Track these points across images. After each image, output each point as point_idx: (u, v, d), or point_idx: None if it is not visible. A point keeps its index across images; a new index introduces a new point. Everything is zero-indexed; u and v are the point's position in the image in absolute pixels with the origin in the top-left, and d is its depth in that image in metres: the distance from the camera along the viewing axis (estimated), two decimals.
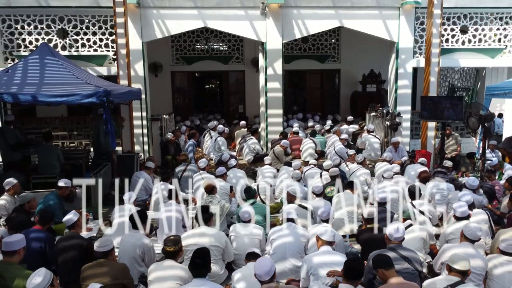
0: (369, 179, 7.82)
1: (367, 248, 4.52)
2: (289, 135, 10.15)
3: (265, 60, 9.77)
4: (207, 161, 7.96)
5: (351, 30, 10.10)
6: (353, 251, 5.16)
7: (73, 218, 4.71)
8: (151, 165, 7.63)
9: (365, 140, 9.88)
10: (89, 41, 9.53)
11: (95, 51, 9.57)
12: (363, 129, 10.78)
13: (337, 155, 8.86)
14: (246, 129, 10.82)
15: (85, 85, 6.70)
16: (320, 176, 7.62)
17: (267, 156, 8.73)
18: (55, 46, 9.30)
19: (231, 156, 8.56)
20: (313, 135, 9.88)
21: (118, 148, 8.84)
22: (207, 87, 16.93)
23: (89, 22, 9.46)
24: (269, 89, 9.88)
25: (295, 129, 10.26)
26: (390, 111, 10.06)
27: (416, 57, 10.26)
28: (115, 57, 9.38)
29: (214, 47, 13.63)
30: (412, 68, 10.19)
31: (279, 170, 8.14)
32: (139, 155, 8.79)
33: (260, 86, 10.39)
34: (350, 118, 11.94)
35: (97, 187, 5.95)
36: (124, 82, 9.16)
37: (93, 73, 8.99)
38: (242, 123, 11.10)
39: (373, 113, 10.88)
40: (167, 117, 10.43)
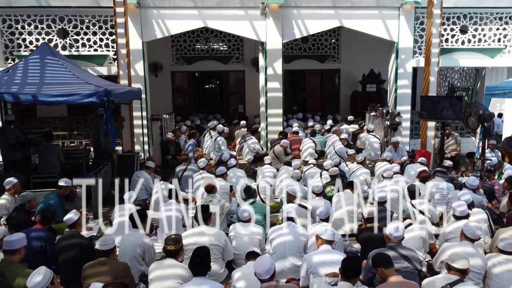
0: (369, 178, 7.83)
1: (367, 247, 4.53)
2: (289, 135, 10.17)
3: (265, 60, 9.78)
4: (207, 161, 7.97)
5: (351, 30, 10.11)
6: (352, 250, 5.18)
7: (74, 217, 4.73)
8: (151, 164, 7.65)
9: (365, 139, 9.89)
10: (89, 41, 9.54)
11: (95, 51, 9.58)
12: (362, 129, 10.80)
13: (337, 154, 8.88)
14: (246, 129, 10.84)
15: (85, 84, 6.71)
16: (320, 175, 7.64)
17: (267, 155, 8.75)
18: (56, 46, 9.32)
19: (231, 155, 8.57)
20: (313, 134, 9.89)
21: (118, 147, 8.85)
22: (207, 87, 16.94)
23: (89, 22, 9.48)
24: (269, 89, 9.89)
25: (295, 129, 10.27)
26: (390, 111, 10.07)
27: (416, 57, 10.27)
28: (115, 57, 9.39)
29: (214, 47, 13.64)
30: (412, 68, 10.20)
31: (279, 169, 8.15)
32: (139, 155, 8.80)
33: (260, 86, 10.40)
34: (350, 118, 11.95)
35: (97, 186, 5.97)
36: (124, 82, 9.18)
37: (93, 73, 9.01)
38: (242, 123, 11.12)
39: (373, 113, 10.90)
40: (167, 117, 10.44)
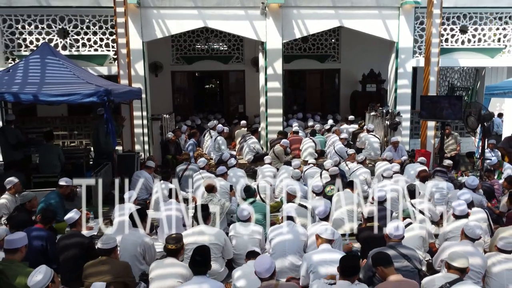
0: (369, 178, 7.83)
1: (367, 246, 4.54)
2: (289, 134, 10.18)
3: (265, 59, 9.79)
4: (206, 160, 7.98)
5: (351, 30, 10.13)
6: (353, 250, 5.18)
7: (75, 216, 4.74)
8: (152, 164, 7.65)
9: (365, 139, 9.90)
10: (89, 40, 9.55)
11: (95, 50, 9.59)
12: (362, 128, 10.81)
13: (337, 154, 8.89)
14: (246, 128, 10.84)
15: (86, 84, 6.72)
16: (320, 175, 7.65)
17: (267, 155, 8.76)
18: (56, 45, 9.32)
19: (231, 155, 8.58)
20: (313, 134, 9.90)
21: (118, 147, 8.86)
22: (207, 86, 16.94)
23: (90, 22, 9.48)
24: (269, 88, 9.90)
25: (295, 129, 10.27)
26: (389, 111, 10.08)
27: (415, 57, 10.28)
28: (115, 56, 9.40)
29: (214, 47, 13.65)
30: (411, 67, 10.21)
31: (279, 169, 8.16)
32: (139, 155, 8.81)
33: (260, 85, 10.41)
34: (351, 117, 11.95)
35: (97, 186, 5.98)
36: (124, 81, 9.19)
37: (94, 72, 9.02)
38: (242, 122, 11.13)
39: (373, 113, 10.90)
40: (168, 116, 10.45)
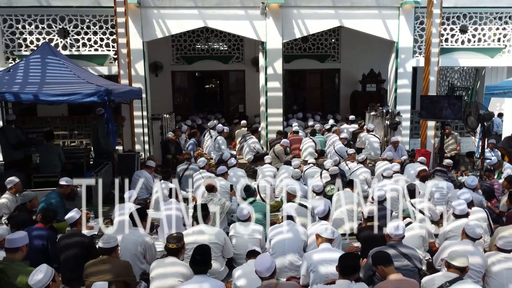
0: (369, 178, 7.84)
1: (367, 246, 4.54)
2: (289, 134, 10.19)
3: (265, 59, 9.80)
4: (206, 160, 7.99)
5: (351, 29, 10.13)
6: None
7: (75, 216, 4.75)
8: (152, 164, 7.66)
9: (365, 139, 9.91)
10: (90, 40, 9.56)
11: (96, 50, 9.60)
12: (362, 128, 10.82)
13: (337, 154, 8.90)
14: (246, 128, 10.85)
15: (86, 84, 6.74)
16: (320, 175, 7.65)
17: (267, 155, 8.76)
18: (56, 45, 9.33)
19: (231, 155, 8.58)
20: (313, 134, 9.91)
21: (119, 147, 8.87)
22: (207, 86, 16.95)
23: (90, 21, 9.49)
24: (269, 88, 9.91)
25: (295, 129, 10.28)
26: (389, 111, 10.08)
27: (415, 57, 10.29)
28: (115, 56, 9.41)
29: (214, 47, 13.66)
30: (411, 67, 10.22)
31: (279, 169, 8.17)
32: (139, 154, 8.82)
33: (260, 85, 10.42)
34: (352, 117, 11.96)
35: (98, 186, 5.98)
36: (125, 81, 9.20)
37: (94, 72, 9.03)
38: (242, 122, 11.14)
39: (373, 113, 10.91)
40: (168, 116, 10.46)
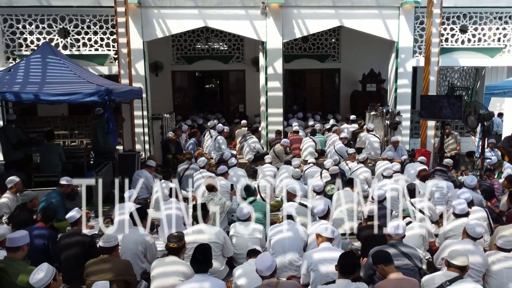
0: (370, 177, 7.84)
1: (367, 245, 4.55)
2: (289, 134, 10.19)
3: (266, 59, 9.81)
4: (206, 160, 7.99)
5: (351, 29, 10.15)
6: (353, 249, 5.19)
7: (76, 215, 4.75)
8: (152, 163, 7.67)
9: (365, 139, 9.92)
10: (90, 40, 9.56)
11: (96, 50, 9.61)
12: (362, 128, 10.82)
13: (337, 154, 8.91)
14: (246, 128, 10.86)
15: (87, 84, 6.74)
16: (320, 174, 7.66)
17: (267, 155, 8.77)
18: (57, 45, 9.34)
19: (231, 154, 8.59)
20: (313, 134, 9.92)
21: (119, 147, 8.88)
22: (208, 86, 16.96)
23: (90, 21, 9.50)
24: (269, 88, 9.92)
25: (295, 128, 10.29)
26: (390, 110, 10.09)
27: (415, 57, 10.29)
28: (116, 56, 9.41)
29: (214, 47, 13.67)
30: (411, 67, 10.22)
31: (279, 168, 8.17)
32: (140, 154, 8.82)
33: (260, 85, 10.42)
34: (352, 117, 11.97)
35: (98, 186, 5.99)
36: (125, 81, 9.20)
37: (94, 72, 9.04)
38: (242, 122, 11.15)
39: (373, 112, 10.92)
40: (168, 116, 10.47)
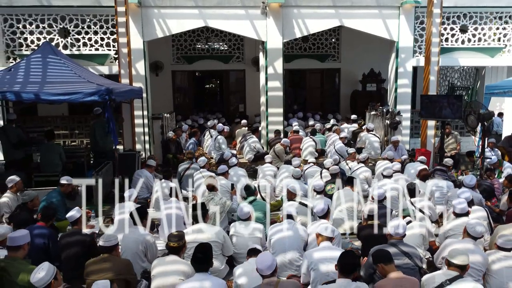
0: (370, 177, 7.83)
1: (368, 244, 4.55)
2: (289, 134, 10.19)
3: (266, 59, 9.81)
4: (207, 159, 7.99)
5: (351, 29, 10.15)
6: (353, 248, 5.19)
7: (76, 214, 4.75)
8: (153, 163, 7.66)
9: (365, 139, 9.92)
10: (90, 40, 9.57)
11: (96, 50, 9.62)
12: (362, 128, 10.82)
13: (337, 153, 8.91)
14: (246, 128, 10.86)
15: (87, 83, 6.74)
16: (320, 174, 7.65)
17: (268, 154, 8.77)
18: (57, 45, 9.35)
19: (232, 154, 8.59)
20: (313, 133, 9.92)
21: (119, 146, 8.88)
22: (208, 86, 16.96)
23: (91, 21, 9.51)
24: (269, 88, 9.92)
25: (295, 128, 10.30)
26: (390, 110, 10.09)
27: (416, 56, 10.30)
28: (116, 56, 9.42)
29: (214, 47, 13.68)
30: (412, 67, 10.23)
31: (279, 168, 8.18)
32: (140, 154, 8.84)
33: (260, 85, 10.43)
34: (353, 117, 11.98)
35: (98, 185, 5.99)
36: (125, 81, 9.20)
37: (95, 72, 9.04)
38: (243, 122, 11.16)
39: (373, 112, 10.92)
40: (168, 115, 10.47)
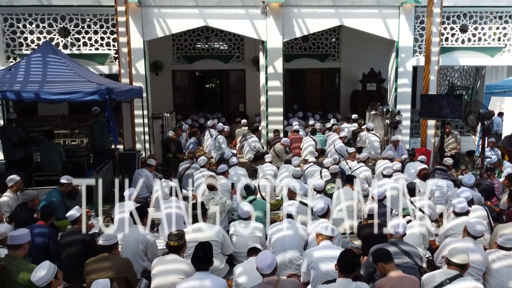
0: (370, 176, 7.84)
1: (368, 243, 4.55)
2: (289, 133, 10.19)
3: (266, 59, 9.81)
4: (207, 159, 8.00)
5: (351, 29, 10.15)
6: (353, 247, 5.20)
7: (76, 213, 4.75)
8: (153, 162, 7.67)
9: (365, 138, 9.93)
10: (90, 39, 9.58)
11: (96, 49, 9.62)
12: (362, 127, 10.83)
13: (337, 153, 8.91)
14: (247, 127, 10.87)
15: (87, 83, 6.73)
16: (320, 174, 7.65)
17: (268, 154, 8.77)
18: (57, 44, 9.36)
19: (232, 154, 8.59)
20: (314, 133, 9.92)
21: (119, 146, 8.88)
22: (208, 86, 16.96)
23: (91, 20, 9.51)
24: (269, 87, 9.92)
25: (296, 127, 10.30)
26: (390, 110, 10.09)
27: (416, 56, 10.31)
28: (116, 55, 9.42)
29: (214, 46, 13.68)
30: (412, 66, 10.23)
31: (279, 168, 8.18)
32: (140, 153, 8.84)
33: (260, 84, 10.44)
34: (354, 116, 11.99)
35: (98, 185, 5.99)
36: (125, 80, 9.19)
37: (95, 71, 9.05)
38: (243, 121, 11.16)
39: (373, 112, 10.93)
40: (168, 115, 10.47)
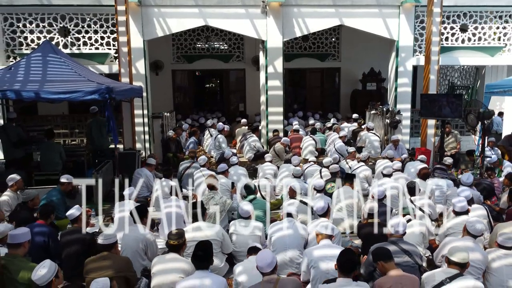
0: (370, 176, 7.84)
1: (368, 242, 4.55)
2: (289, 133, 10.20)
3: (266, 58, 9.81)
4: (207, 158, 8.00)
5: (351, 28, 10.16)
6: (353, 246, 5.19)
7: (76, 212, 4.74)
8: (153, 161, 7.68)
9: (365, 138, 9.93)
10: (90, 39, 9.58)
11: (96, 49, 9.62)
12: (362, 127, 10.83)
13: (337, 152, 8.92)
14: (247, 127, 10.87)
15: (87, 82, 6.73)
16: (320, 173, 7.65)
17: (268, 153, 8.77)
18: (57, 44, 9.36)
19: (232, 153, 8.59)
20: (314, 132, 9.93)
21: (119, 145, 8.88)
22: (208, 85, 16.97)
23: (91, 20, 9.51)
24: (269, 87, 9.92)
25: (296, 127, 10.30)
26: (390, 109, 10.10)
27: (416, 56, 10.31)
28: (116, 55, 9.42)
29: (214, 46, 13.68)
30: (412, 66, 10.23)
31: (279, 167, 8.18)
32: (140, 153, 8.84)
33: (260, 84, 10.44)
34: (355, 116, 11.99)
35: (98, 184, 5.99)
36: (125, 80, 9.17)
37: (95, 71, 9.05)
38: (243, 121, 11.16)
39: (373, 111, 10.93)
40: (168, 115, 10.47)
